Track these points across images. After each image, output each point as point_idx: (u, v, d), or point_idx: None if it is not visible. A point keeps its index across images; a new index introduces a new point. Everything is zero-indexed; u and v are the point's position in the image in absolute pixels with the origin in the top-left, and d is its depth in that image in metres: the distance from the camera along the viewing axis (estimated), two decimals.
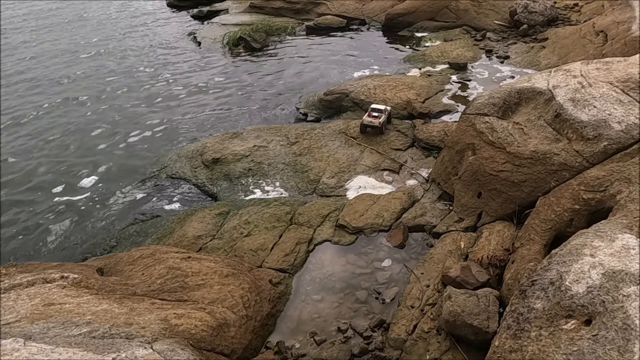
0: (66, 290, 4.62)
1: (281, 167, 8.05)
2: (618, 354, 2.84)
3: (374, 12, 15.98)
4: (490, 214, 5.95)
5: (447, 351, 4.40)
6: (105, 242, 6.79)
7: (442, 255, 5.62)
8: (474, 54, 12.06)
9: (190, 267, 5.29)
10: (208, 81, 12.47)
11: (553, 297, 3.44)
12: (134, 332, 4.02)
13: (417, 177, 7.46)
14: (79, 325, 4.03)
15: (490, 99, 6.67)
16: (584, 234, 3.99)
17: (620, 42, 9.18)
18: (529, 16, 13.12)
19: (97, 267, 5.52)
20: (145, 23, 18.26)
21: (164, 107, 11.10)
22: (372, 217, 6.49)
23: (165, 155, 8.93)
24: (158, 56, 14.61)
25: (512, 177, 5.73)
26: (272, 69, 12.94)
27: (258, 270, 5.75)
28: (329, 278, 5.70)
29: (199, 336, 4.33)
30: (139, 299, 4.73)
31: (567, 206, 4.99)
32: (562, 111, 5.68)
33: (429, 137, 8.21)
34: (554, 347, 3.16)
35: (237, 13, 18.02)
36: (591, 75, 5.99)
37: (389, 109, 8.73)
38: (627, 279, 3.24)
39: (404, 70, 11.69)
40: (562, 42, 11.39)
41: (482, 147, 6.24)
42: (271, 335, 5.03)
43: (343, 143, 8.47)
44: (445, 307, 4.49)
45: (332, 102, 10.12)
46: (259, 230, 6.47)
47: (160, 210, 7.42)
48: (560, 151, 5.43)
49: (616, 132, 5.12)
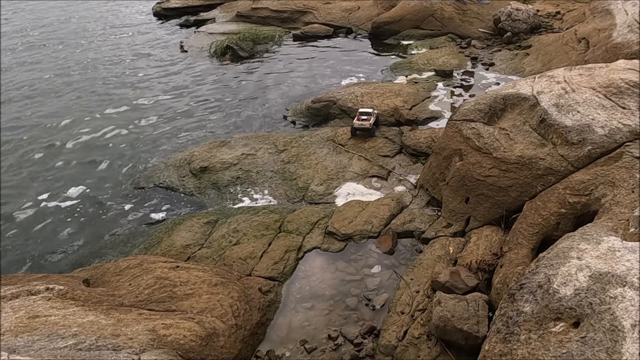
0: (51, 302, 4.54)
1: (270, 175, 8.03)
2: (606, 355, 2.86)
3: (360, 20, 16.10)
4: (478, 219, 5.99)
5: (437, 356, 4.39)
6: (91, 252, 6.70)
7: (431, 261, 5.64)
8: (460, 61, 12.20)
9: (178, 277, 5.24)
10: (195, 90, 12.44)
11: (541, 300, 3.46)
12: (121, 344, 3.95)
13: (405, 184, 7.50)
14: (64, 338, 3.95)
15: (476, 105, 6.74)
16: (570, 237, 4.03)
17: (601, 48, 9.36)
18: (513, 24, 13.32)
19: (83, 278, 5.44)
20: (131, 33, 18.20)
21: (151, 116, 11.03)
22: (361, 223, 6.50)
23: (152, 165, 8.87)
24: (145, 65, 14.56)
25: (499, 182, 5.78)
26: (260, 77, 12.95)
27: (247, 278, 5.71)
28: (318, 285, 5.68)
29: (188, 346, 4.28)
30: (126, 309, 4.66)
31: (553, 210, 5.04)
32: (547, 116, 5.76)
33: (416, 143, 8.26)
34: (543, 350, 3.17)
35: (224, 22, 18.04)
36: (574, 81, 6.09)
37: (376, 112, 8.88)
38: (614, 281, 3.27)
39: (391, 78, 11.78)
40: (546, 49, 11.57)
41: (469, 152, 6.29)
42: (261, 344, 4.99)
43: (331, 150, 8.49)
44: (435, 312, 4.50)
45: (320, 110, 10.15)
46: (248, 238, 6.43)
47: (147, 219, 7.35)
48: (545, 156, 5.50)
49: (600, 137, 5.19)
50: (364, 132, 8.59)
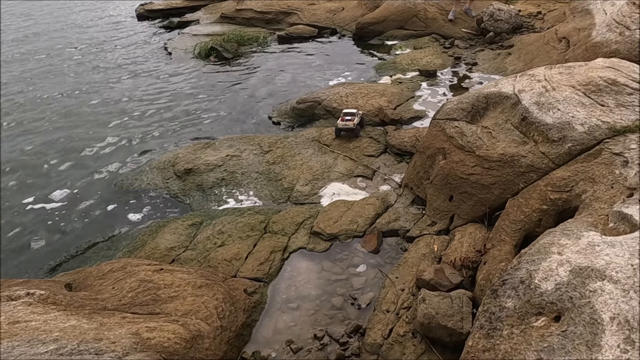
0: (32, 307, 4.46)
1: (255, 176, 8.00)
2: (586, 348, 2.90)
3: (344, 21, 16.15)
4: (462, 216, 6.03)
5: (422, 354, 4.41)
6: (74, 256, 6.61)
7: (416, 259, 5.66)
8: (443, 61, 12.29)
9: (162, 280, 5.19)
10: (180, 92, 12.36)
11: (523, 296, 3.49)
12: (104, 348, 3.90)
13: (390, 183, 7.53)
14: (45, 343, 3.89)
15: (459, 104, 6.79)
16: (551, 232, 4.07)
17: (581, 47, 9.50)
18: (495, 24, 13.47)
19: (65, 283, 5.36)
20: (114, 35, 18.03)
21: (135, 118, 10.95)
22: (346, 223, 6.51)
23: (136, 167, 8.79)
24: (128, 67, 14.43)
25: (482, 179, 5.83)
26: (244, 79, 12.91)
27: (232, 280, 5.68)
28: (304, 285, 5.67)
29: (172, 349, 4.24)
30: (109, 313, 4.60)
31: (535, 207, 5.10)
32: (528, 114, 5.82)
33: (401, 143, 8.30)
34: (525, 344, 3.20)
35: (208, 24, 17.96)
36: (554, 80, 6.17)
37: (360, 113, 8.88)
38: (593, 275, 3.31)
39: (375, 78, 11.83)
40: (527, 48, 11.72)
41: (453, 151, 6.34)
42: (247, 346, 4.96)
43: (316, 151, 8.49)
44: (419, 309, 4.52)
45: (305, 111, 10.15)
46: (233, 240, 6.40)
47: (131, 222, 7.27)
48: (527, 153, 5.55)
49: (579, 134, 5.26)
50: (348, 133, 8.60)
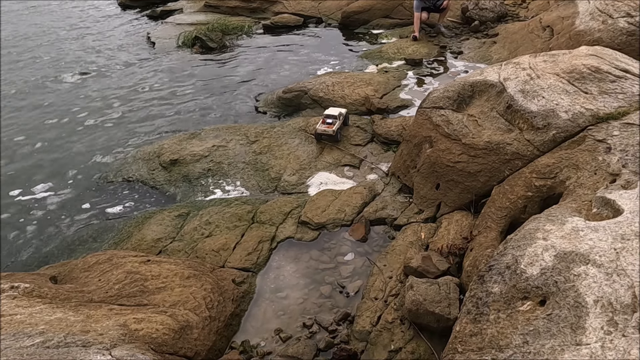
0: (17, 301, 4.40)
1: (241, 166, 7.96)
2: (571, 331, 2.95)
3: (330, 10, 16.05)
4: (448, 204, 6.08)
5: (410, 340, 4.46)
6: (59, 249, 6.52)
7: (403, 247, 5.70)
8: (429, 50, 12.30)
9: (149, 271, 5.15)
10: (163, 82, 12.19)
11: (509, 281, 3.54)
12: (91, 340, 3.87)
13: (377, 172, 7.54)
14: (31, 336, 3.85)
15: (445, 92, 6.81)
16: (536, 218, 4.13)
17: (565, 36, 9.57)
18: (480, 13, 13.50)
19: (50, 276, 5.30)
20: (95, 24, 17.69)
21: (118, 110, 10.79)
22: (334, 212, 6.52)
23: (121, 158, 8.68)
24: (110, 57, 14.19)
25: (468, 167, 5.87)
26: (230, 68, 12.78)
27: (220, 270, 5.67)
28: (292, 275, 5.68)
29: (161, 340, 4.22)
30: (96, 305, 4.57)
31: (520, 194, 5.15)
32: (513, 102, 5.86)
33: (387, 131, 8.31)
34: (511, 328, 3.25)
35: (192, 12, 17.71)
36: (539, 68, 6.21)
37: (344, 112, 8.41)
38: (577, 259, 3.37)
39: (362, 67, 11.80)
40: (512, 37, 11.77)
41: (439, 139, 6.37)
42: (236, 335, 4.97)
43: (303, 140, 8.46)
44: (407, 296, 4.56)
45: (291, 100, 10.10)
46: (220, 230, 6.37)
47: (116, 214, 7.20)
48: (512, 141, 5.60)
49: (564, 121, 5.32)
50: (328, 138, 8.16)
